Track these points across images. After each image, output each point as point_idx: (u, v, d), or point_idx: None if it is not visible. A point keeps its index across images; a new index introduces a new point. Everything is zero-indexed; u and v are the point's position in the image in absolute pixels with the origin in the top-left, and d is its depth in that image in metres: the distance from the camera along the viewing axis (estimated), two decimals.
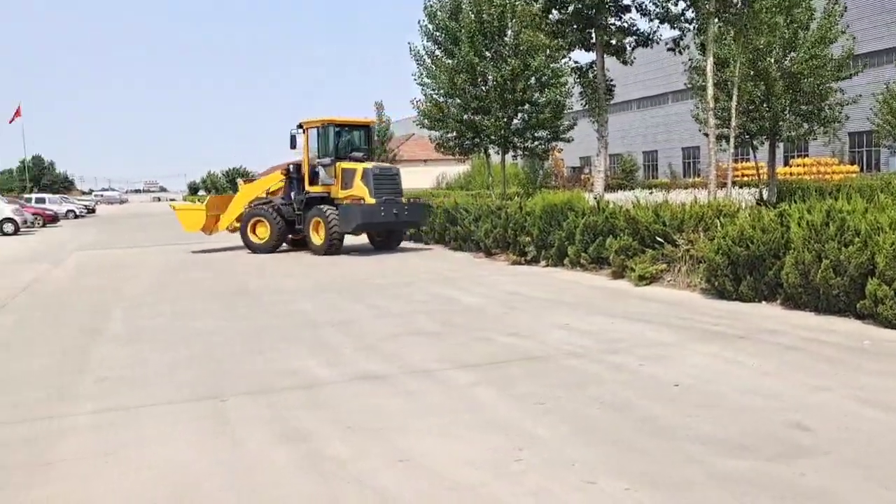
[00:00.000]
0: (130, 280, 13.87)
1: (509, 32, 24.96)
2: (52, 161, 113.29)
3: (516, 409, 5.30)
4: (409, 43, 35.61)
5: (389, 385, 6.04)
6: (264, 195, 19.61)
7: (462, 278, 12.73)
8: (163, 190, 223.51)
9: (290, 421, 5.18)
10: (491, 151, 28.23)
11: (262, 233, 18.76)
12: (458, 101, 26.12)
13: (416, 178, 60.76)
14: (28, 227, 33.94)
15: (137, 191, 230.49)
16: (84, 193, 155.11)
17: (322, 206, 17.74)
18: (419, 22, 26.31)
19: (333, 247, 17.49)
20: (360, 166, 17.81)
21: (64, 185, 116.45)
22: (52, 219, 39.83)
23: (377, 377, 6.29)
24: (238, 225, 19.61)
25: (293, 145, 18.65)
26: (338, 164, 18.05)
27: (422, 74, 26.82)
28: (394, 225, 18.38)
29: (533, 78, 25.51)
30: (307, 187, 18.55)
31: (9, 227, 31.26)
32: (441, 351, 7.18)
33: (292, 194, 18.75)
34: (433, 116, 26.41)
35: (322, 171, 18.40)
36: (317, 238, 17.80)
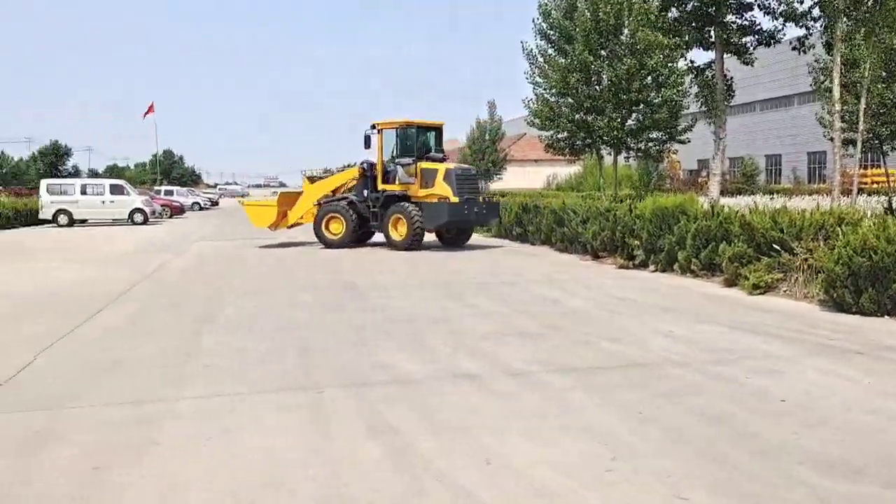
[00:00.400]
0: (243, 271, 14.41)
1: (625, 30, 24.48)
2: (182, 155, 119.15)
3: (612, 417, 5.15)
4: (521, 42, 35.36)
5: (484, 385, 5.99)
6: (331, 193, 20.29)
7: (567, 280, 12.54)
8: (282, 185, 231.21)
9: (383, 415, 5.22)
10: (603, 152, 27.73)
11: (336, 228, 19.43)
12: (571, 100, 25.80)
13: (527, 178, 60.59)
14: (157, 217, 35.84)
15: (258, 185, 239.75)
16: (210, 187, 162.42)
17: (404, 204, 18.42)
18: (533, 20, 26.14)
19: (415, 243, 18.15)
20: (441, 166, 18.51)
21: (192, 179, 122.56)
22: (178, 210, 41.97)
23: (472, 376, 6.26)
24: (303, 221, 20.64)
25: (367, 145, 19.24)
26: (418, 163, 18.62)
27: (534, 73, 26.61)
28: (472, 222, 19.30)
29: (649, 77, 24.90)
30: (382, 185, 19.12)
31: (139, 218, 33.11)
32: (540, 353, 7.07)
33: (365, 192, 19.37)
34: (544, 116, 26.18)
35: (401, 171, 18.89)
36: (397, 234, 18.46)
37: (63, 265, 15.88)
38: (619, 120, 24.53)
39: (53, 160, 79.95)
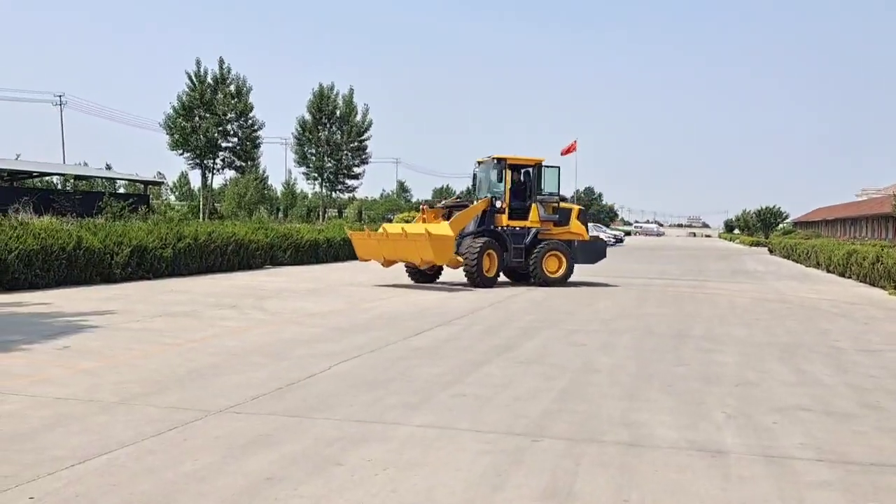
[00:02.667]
0: (575, 304, 14.23)
1: None
2: (601, 192, 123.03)
3: None
4: None
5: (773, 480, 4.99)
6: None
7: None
8: (705, 226, 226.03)
9: (571, 471, 4.64)
10: None
11: (488, 265, 17.79)
12: None
13: None
14: None
15: (680, 225, 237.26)
16: (626, 224, 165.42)
17: (555, 241, 18.86)
18: None
19: (566, 279, 18.86)
20: (574, 206, 20.23)
21: (609, 216, 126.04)
22: None
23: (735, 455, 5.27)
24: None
25: (474, 182, 20.08)
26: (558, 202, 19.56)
27: None
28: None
29: None
30: (508, 221, 18.55)
31: None
32: (845, 442, 5.71)
33: (493, 226, 18.55)
34: None
35: (542, 208, 19.02)
36: (552, 272, 18.68)
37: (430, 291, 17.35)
38: None
39: None
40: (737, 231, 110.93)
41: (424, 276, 18.70)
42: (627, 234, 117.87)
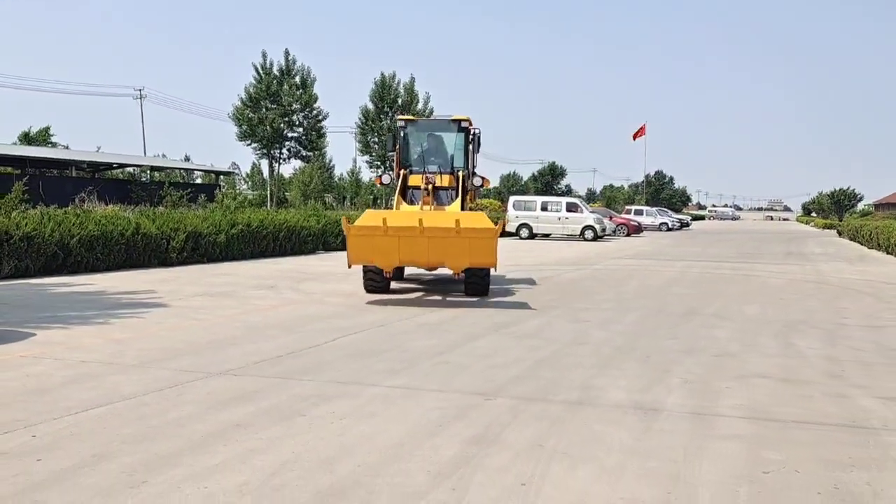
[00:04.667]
0: (603, 285, 14.60)
1: None
2: (672, 176, 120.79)
3: None
4: None
5: None
6: None
7: None
8: (786, 209, 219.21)
9: (502, 427, 5.20)
10: None
11: None
12: None
13: None
14: (608, 235, 37.42)
15: (759, 208, 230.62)
16: (701, 208, 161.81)
17: None
18: None
19: None
20: None
21: (681, 201, 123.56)
22: (636, 229, 43.14)
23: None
24: None
25: None
26: None
27: None
28: None
29: None
30: None
31: (589, 234, 35.07)
32: (781, 404, 6.08)
33: None
34: None
35: None
36: None
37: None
38: None
39: (549, 179, 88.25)
40: (813, 214, 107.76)
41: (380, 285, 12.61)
42: (700, 218, 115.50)
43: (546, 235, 36.53)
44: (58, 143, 58.03)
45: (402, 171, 14.01)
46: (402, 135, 14.37)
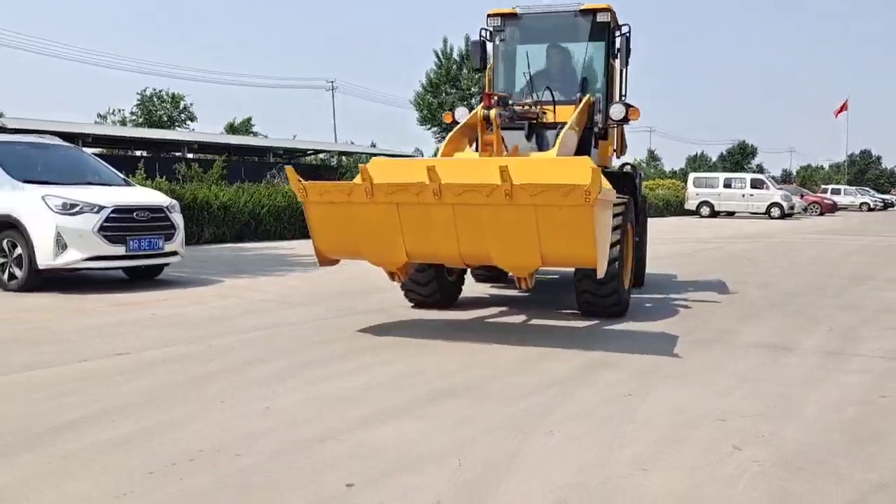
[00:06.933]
0: (780, 255, 14.02)
1: None
2: (880, 156, 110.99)
3: None
4: None
5: None
6: None
7: None
8: None
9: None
10: None
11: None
12: None
13: None
14: (798, 213, 35.26)
15: None
16: None
17: None
18: None
19: None
20: None
21: (889, 182, 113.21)
22: (830, 208, 40.35)
23: None
24: None
25: None
26: None
27: None
28: None
29: None
30: None
31: (776, 212, 33.26)
32: None
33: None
34: None
35: None
36: None
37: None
38: None
39: (739, 159, 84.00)
40: None
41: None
42: None
43: (730, 214, 34.99)
44: (258, 132, 62.74)
45: (493, 98, 7.14)
46: (496, 42, 8.86)
